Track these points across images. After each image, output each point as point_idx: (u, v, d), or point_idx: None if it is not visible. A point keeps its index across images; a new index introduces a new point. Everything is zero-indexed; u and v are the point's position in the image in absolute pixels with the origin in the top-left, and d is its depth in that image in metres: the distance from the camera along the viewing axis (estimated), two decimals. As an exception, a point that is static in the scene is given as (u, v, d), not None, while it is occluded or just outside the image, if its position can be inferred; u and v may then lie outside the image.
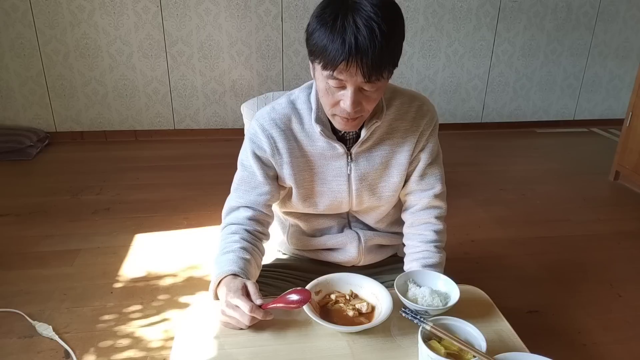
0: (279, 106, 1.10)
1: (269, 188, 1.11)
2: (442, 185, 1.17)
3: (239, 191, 1.13)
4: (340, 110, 0.97)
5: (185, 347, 0.89)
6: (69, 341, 1.71)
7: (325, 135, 1.06)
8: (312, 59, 0.96)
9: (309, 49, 0.95)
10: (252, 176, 1.11)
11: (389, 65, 0.92)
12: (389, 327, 0.94)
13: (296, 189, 1.12)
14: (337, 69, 0.89)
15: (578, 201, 3.00)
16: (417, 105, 1.13)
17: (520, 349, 0.89)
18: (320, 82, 0.97)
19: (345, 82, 0.92)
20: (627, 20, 4.15)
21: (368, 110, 0.99)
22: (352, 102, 0.93)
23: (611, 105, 4.46)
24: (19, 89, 3.50)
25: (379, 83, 0.93)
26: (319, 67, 0.93)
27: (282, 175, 1.11)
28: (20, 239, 2.37)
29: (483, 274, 2.22)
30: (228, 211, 1.14)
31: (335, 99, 0.96)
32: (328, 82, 0.94)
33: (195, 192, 2.92)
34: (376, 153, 1.11)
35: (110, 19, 3.44)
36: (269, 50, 3.72)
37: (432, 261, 1.14)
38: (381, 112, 1.08)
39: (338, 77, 0.91)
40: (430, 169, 1.15)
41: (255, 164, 1.10)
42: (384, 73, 0.91)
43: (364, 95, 0.95)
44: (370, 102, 0.97)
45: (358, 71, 0.88)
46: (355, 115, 0.97)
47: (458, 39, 3.95)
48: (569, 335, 1.85)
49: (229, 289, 0.93)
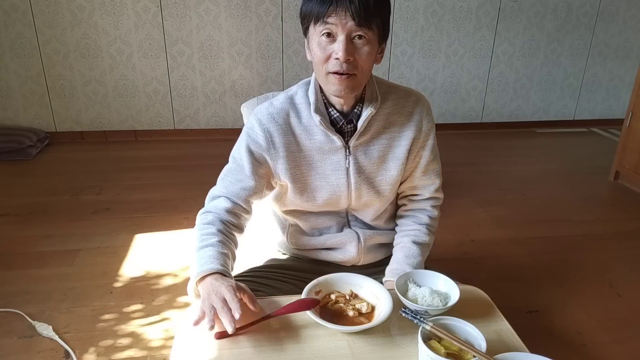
0: (277, 102, 1.12)
1: (253, 184, 1.12)
2: (440, 179, 1.24)
3: (224, 181, 1.15)
4: (333, 65, 1.00)
5: (185, 347, 0.89)
6: (69, 341, 1.71)
7: (324, 125, 1.07)
8: (306, 24, 1.02)
9: (302, 18, 1.03)
10: (240, 169, 1.13)
11: (377, 17, 0.98)
12: (389, 327, 0.94)
13: (292, 183, 1.13)
14: (327, 14, 0.96)
15: (578, 201, 3.00)
16: (413, 100, 1.16)
17: (520, 349, 0.89)
18: (314, 42, 1.02)
19: (336, 29, 0.97)
20: (627, 20, 4.15)
21: (362, 69, 1.02)
22: (344, 47, 0.98)
23: (611, 105, 4.46)
24: (18, 89, 3.50)
25: (369, 34, 0.99)
26: (312, 27, 1.00)
27: (276, 171, 1.12)
28: (20, 239, 2.37)
29: (483, 274, 2.22)
30: (210, 198, 1.17)
31: (327, 52, 1.00)
32: (320, 37, 0.99)
33: (195, 192, 2.91)
34: (374, 147, 1.13)
35: (110, 19, 3.44)
36: (269, 50, 3.72)
37: (422, 240, 1.19)
38: (376, 101, 1.10)
39: (329, 21, 0.97)
40: (432, 164, 1.20)
41: (247, 158, 1.11)
42: (372, 21, 0.98)
43: (354, 46, 0.99)
44: (362, 58, 1.00)
45: (347, 14, 0.95)
46: (348, 70, 1.00)
47: (458, 39, 3.95)
48: (568, 335, 1.85)
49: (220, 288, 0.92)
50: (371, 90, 1.10)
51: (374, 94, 1.10)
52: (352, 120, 1.10)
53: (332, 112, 1.10)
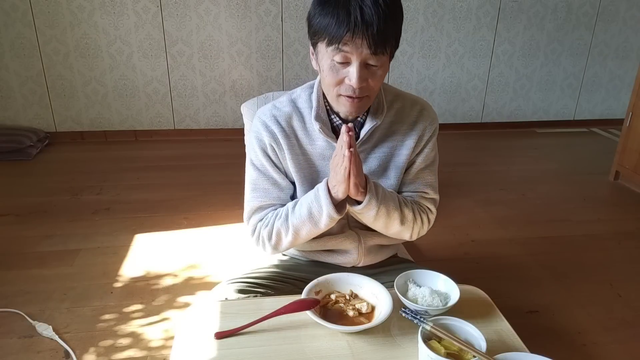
0: (281, 104, 1.11)
1: (286, 183, 1.12)
2: (433, 192, 1.16)
3: (258, 192, 1.12)
4: (345, 89, 0.98)
5: (185, 347, 0.89)
6: (69, 341, 1.71)
7: (325, 133, 1.06)
8: (316, 40, 0.97)
9: (312, 31, 0.97)
10: (267, 175, 1.11)
11: (392, 39, 0.94)
12: (389, 327, 0.94)
13: (300, 185, 1.13)
14: (343, 41, 0.91)
15: (578, 201, 3.00)
16: (418, 109, 1.14)
17: (520, 349, 0.89)
18: (324, 62, 0.97)
19: (350, 56, 0.93)
20: (627, 20, 4.15)
21: (373, 90, 0.99)
22: (358, 76, 0.94)
23: (611, 105, 4.46)
24: (19, 89, 3.50)
25: (383, 58, 0.95)
26: (323, 45, 0.95)
27: (287, 169, 1.12)
28: (20, 239, 2.37)
29: (483, 274, 2.22)
30: (252, 212, 1.13)
31: (340, 76, 0.96)
32: (334, 58, 0.94)
33: (195, 192, 2.92)
34: (375, 155, 1.12)
35: (110, 19, 3.44)
36: (269, 50, 3.72)
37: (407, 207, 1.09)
38: (382, 112, 1.08)
39: (344, 49, 0.92)
40: (422, 173, 1.15)
41: (267, 162, 1.10)
42: (387, 46, 0.93)
43: (369, 71, 0.96)
44: (375, 80, 0.97)
45: (364, 42, 0.90)
46: (360, 94, 0.98)
47: (458, 39, 3.95)
48: (569, 335, 1.85)
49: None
50: (377, 101, 1.09)
51: (380, 105, 1.09)
52: (354, 127, 1.09)
53: (335, 119, 1.09)
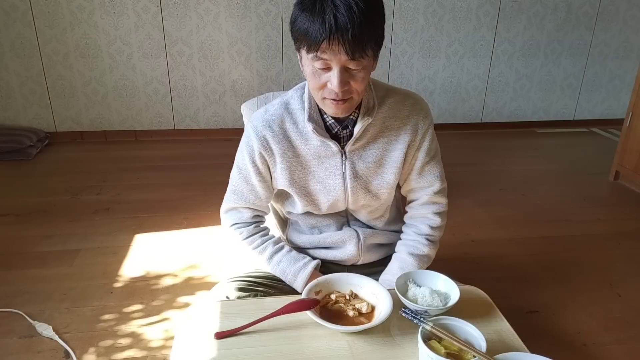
0: (272, 108, 1.12)
1: (264, 192, 1.17)
2: (441, 182, 1.19)
3: (237, 194, 1.18)
4: (328, 92, 0.99)
5: (185, 347, 0.89)
6: (69, 341, 1.71)
7: (318, 133, 1.07)
8: (298, 46, 0.98)
9: (293, 37, 0.98)
10: (248, 180, 1.15)
11: (371, 42, 0.94)
12: (389, 327, 0.94)
13: (291, 188, 1.13)
14: (320, 49, 0.92)
15: (578, 201, 3.00)
16: (410, 103, 1.14)
17: (520, 349, 0.89)
18: (307, 67, 0.99)
19: (330, 62, 0.94)
20: (627, 20, 4.14)
21: (357, 92, 1.00)
22: (339, 81, 0.95)
23: (611, 105, 4.46)
24: (19, 89, 3.50)
25: (364, 61, 0.95)
26: (304, 51, 0.96)
27: (275, 176, 1.14)
28: (20, 239, 2.37)
29: (483, 274, 2.22)
30: (227, 210, 1.21)
31: (322, 80, 0.98)
32: (314, 65, 0.96)
33: (195, 192, 2.92)
34: (370, 151, 1.12)
35: (110, 19, 3.44)
36: (269, 50, 3.72)
37: (419, 251, 1.19)
38: (373, 109, 1.09)
39: (322, 57, 0.93)
40: (428, 166, 1.17)
41: (252, 169, 1.13)
42: (367, 50, 0.94)
43: (350, 74, 0.96)
44: (358, 82, 0.98)
45: (341, 49, 0.91)
46: (344, 97, 0.99)
47: (458, 39, 3.95)
48: (569, 335, 1.85)
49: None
50: (368, 98, 1.09)
51: (370, 102, 1.09)
52: (347, 125, 1.10)
53: (328, 118, 1.09)
